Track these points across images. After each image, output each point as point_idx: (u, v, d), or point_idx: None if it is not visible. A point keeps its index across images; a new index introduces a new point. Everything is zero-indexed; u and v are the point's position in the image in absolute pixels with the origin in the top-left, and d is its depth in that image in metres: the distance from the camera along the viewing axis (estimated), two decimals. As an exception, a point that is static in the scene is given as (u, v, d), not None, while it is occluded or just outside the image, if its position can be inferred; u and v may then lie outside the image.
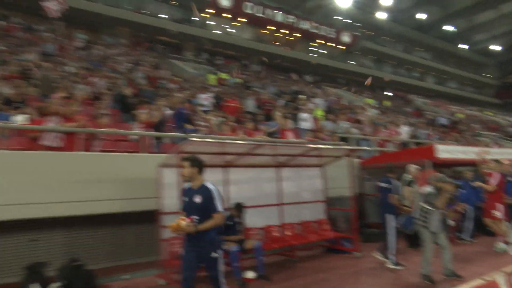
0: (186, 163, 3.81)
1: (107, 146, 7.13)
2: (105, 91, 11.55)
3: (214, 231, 3.67)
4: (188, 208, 3.72)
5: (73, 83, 11.33)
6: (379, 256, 6.74)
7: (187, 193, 3.81)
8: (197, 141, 5.34)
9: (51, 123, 5.98)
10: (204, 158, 6.20)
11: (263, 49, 31.72)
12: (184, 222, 3.53)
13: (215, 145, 5.98)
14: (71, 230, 6.02)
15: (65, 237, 5.97)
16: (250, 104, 14.04)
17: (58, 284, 5.01)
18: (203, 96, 13.35)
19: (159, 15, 28.04)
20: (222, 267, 3.72)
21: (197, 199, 3.67)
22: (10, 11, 20.48)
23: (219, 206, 3.63)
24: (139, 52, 22.27)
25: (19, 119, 7.25)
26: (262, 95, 16.60)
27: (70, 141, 6.02)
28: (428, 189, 5.59)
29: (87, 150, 6.25)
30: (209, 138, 6.99)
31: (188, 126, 7.92)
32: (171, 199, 5.88)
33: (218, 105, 12.84)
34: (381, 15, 38.24)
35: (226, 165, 6.66)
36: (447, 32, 42.79)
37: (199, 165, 3.81)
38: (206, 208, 3.62)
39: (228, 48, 30.48)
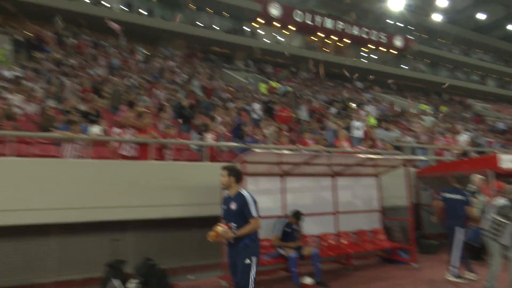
0: (224, 172, 3.91)
1: (171, 155, 7.75)
2: (166, 103, 12.38)
3: (249, 238, 3.69)
4: (227, 216, 3.85)
5: (138, 95, 12.28)
6: (471, 277, 6.53)
7: (226, 201, 3.95)
8: (259, 152, 5.69)
9: (127, 135, 6.65)
10: (263, 167, 6.60)
11: (313, 56, 31.81)
12: (221, 229, 3.63)
13: (274, 155, 6.31)
14: (144, 232, 6.62)
15: (139, 238, 6.57)
16: (302, 113, 14.28)
17: (135, 281, 5.57)
18: (256, 105, 13.83)
19: (213, 26, 29.16)
20: (253, 274, 3.67)
21: (233, 206, 3.76)
22: (79, 28, 22.39)
23: (254, 212, 3.66)
24: (194, 63, 23.30)
25: (95, 131, 8.09)
26: (313, 103, 16.77)
27: (143, 151, 6.66)
28: (502, 201, 5.48)
29: (158, 159, 6.85)
30: (270, 149, 7.35)
31: (246, 136, 8.34)
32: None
33: (270, 114, 13.21)
34: (436, 17, 36.86)
35: (284, 174, 6.97)
36: (510, 31, 40.27)
37: (236, 175, 3.88)
38: (242, 215, 3.68)
39: (277, 56, 30.92)
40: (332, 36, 34.12)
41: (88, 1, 25.01)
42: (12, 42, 16.09)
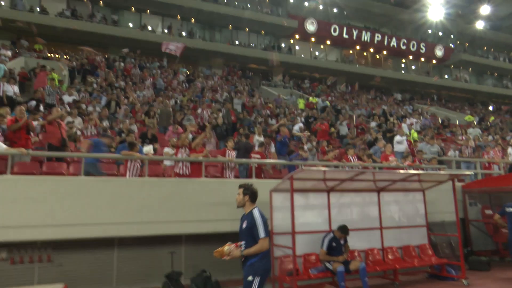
0: (240, 190, 3.95)
1: (216, 172, 8.21)
2: (209, 121, 13.00)
3: (257, 257, 3.68)
4: (240, 233, 3.89)
5: (184, 115, 12.98)
6: None
7: (242, 219, 3.97)
8: (308, 170, 5.98)
9: (181, 154, 7.18)
10: (309, 183, 6.87)
11: (350, 70, 31.86)
12: (227, 247, 3.64)
13: (320, 172, 6.58)
14: (196, 246, 7.06)
15: (192, 251, 7.01)
16: (342, 128, 14.42)
17: (192, 291, 5.97)
18: (298, 122, 14.13)
19: (250, 44, 30.00)
20: None
21: (244, 224, 3.79)
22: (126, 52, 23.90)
23: (262, 233, 3.66)
24: (234, 81, 24.06)
25: (147, 150, 8.73)
26: (353, 117, 16.84)
27: (196, 169, 7.15)
28: None
29: (208, 176, 7.31)
30: (317, 165, 7.62)
31: (291, 153, 8.65)
32: (281, 221, 6.60)
33: (311, 129, 13.48)
34: (479, 25, 35.77)
35: (330, 190, 7.20)
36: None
37: (250, 194, 3.89)
38: (251, 234, 3.69)
39: (315, 71, 31.21)
40: (370, 49, 33.99)
41: (131, 26, 26.71)
42: (67, 67, 17.47)
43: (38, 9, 23.57)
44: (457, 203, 7.66)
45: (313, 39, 31.99)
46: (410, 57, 35.45)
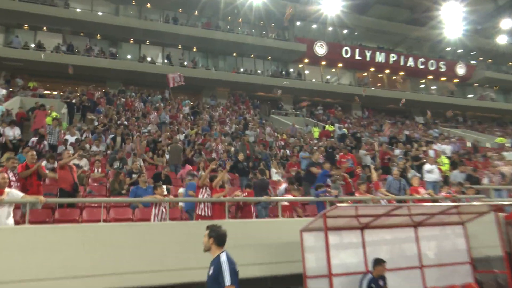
0: (206, 232, 4.00)
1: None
2: (221, 156, 13.29)
3: None
4: (207, 282, 3.91)
5: (194, 151, 13.31)
6: None
7: (209, 265, 3.99)
8: (343, 206, 6.16)
9: (202, 195, 7.41)
10: (342, 221, 7.03)
11: (365, 93, 32.34)
12: None
13: (352, 209, 6.75)
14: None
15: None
16: (365, 158, 14.61)
17: None
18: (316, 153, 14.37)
19: (257, 71, 30.81)
20: None
21: (210, 271, 3.81)
22: (125, 85, 24.67)
23: (228, 280, 3.66)
24: (241, 110, 24.57)
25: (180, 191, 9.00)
26: (373, 145, 17.07)
27: (218, 210, 7.35)
28: None
29: (231, 217, 7.51)
30: (347, 201, 7.79)
31: (319, 188, 8.84)
32: (314, 263, 6.72)
33: (333, 161, 13.70)
34: (500, 40, 36.48)
35: (363, 227, 7.33)
36: None
37: (216, 236, 3.92)
38: (217, 282, 3.71)
39: (327, 96, 31.76)
40: (385, 70, 34.69)
41: (130, 57, 27.67)
42: (65, 105, 18.04)
43: (33, 45, 24.60)
44: (502, 235, 7.72)
45: (323, 63, 32.81)
46: (429, 76, 36.07)
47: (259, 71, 31.13)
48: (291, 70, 32.47)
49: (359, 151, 15.32)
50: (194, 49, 29.76)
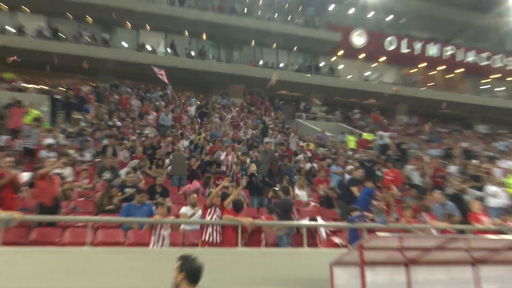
0: (177, 264, 3.95)
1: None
2: (233, 169, 13.33)
3: None
4: None
5: (200, 161, 13.39)
6: None
7: None
8: (385, 236, 6.08)
9: (210, 216, 7.43)
10: (382, 254, 6.93)
11: (412, 94, 32.03)
12: None
13: (395, 239, 6.65)
14: None
15: None
16: (412, 174, 14.44)
17: None
18: (349, 167, 14.27)
19: (280, 65, 30.89)
20: None
21: None
22: (119, 79, 25.03)
23: None
24: (260, 113, 24.61)
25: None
26: (422, 159, 16.86)
27: (229, 236, 7.35)
28: None
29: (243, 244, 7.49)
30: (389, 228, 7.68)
31: (353, 212, 8.76)
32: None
33: (373, 179, 13.57)
34: None
35: (409, 262, 7.21)
36: None
37: (188, 271, 3.89)
38: None
39: (366, 97, 31.61)
40: (438, 67, 34.38)
41: (126, 45, 28.09)
42: (49, 101, 18.39)
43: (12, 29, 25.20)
44: None
45: (362, 56, 32.71)
46: (495, 75, 35.56)
47: (282, 65, 31.19)
48: (322, 64, 32.48)
49: (405, 166, 15.15)
50: (204, 37, 30.10)
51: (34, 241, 7.49)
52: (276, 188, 11.10)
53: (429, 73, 35.21)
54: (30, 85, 22.26)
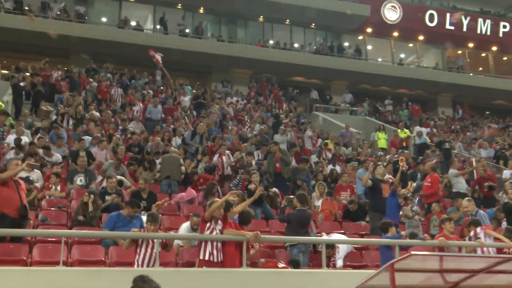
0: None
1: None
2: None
3: None
4: None
5: (196, 162, 13.56)
6: None
7: None
8: (421, 255, 6.17)
9: (209, 230, 7.56)
10: (418, 277, 7.03)
11: (459, 81, 31.87)
12: None
13: (435, 259, 6.74)
14: None
15: None
16: (457, 182, 14.49)
17: None
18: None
19: (295, 45, 30.94)
20: None
21: None
22: (97, 62, 25.13)
23: None
24: (269, 104, 24.70)
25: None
26: (472, 163, 16.93)
27: (232, 254, 7.49)
28: None
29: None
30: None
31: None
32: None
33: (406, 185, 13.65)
34: None
35: (452, 288, 7.29)
36: None
37: None
38: None
39: (400, 85, 31.54)
40: (493, 47, 34.24)
41: (105, 20, 28.23)
42: (12, 89, 18.56)
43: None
44: None
45: (395, 34, 32.67)
46: None
47: (296, 45, 31.23)
48: (346, 44, 32.43)
49: (447, 170, 15.21)
50: (201, 10, 30.19)
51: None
52: (291, 196, 11.19)
53: (480, 55, 35.11)
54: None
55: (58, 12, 26.25)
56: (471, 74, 33.29)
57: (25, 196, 8.56)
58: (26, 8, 25.73)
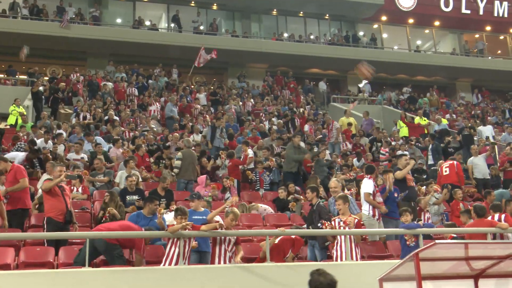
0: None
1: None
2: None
3: None
4: None
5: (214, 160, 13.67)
6: None
7: None
8: (447, 243, 6.14)
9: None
10: (443, 266, 6.99)
11: (478, 66, 31.52)
12: None
13: (460, 247, 6.70)
14: None
15: None
16: (478, 168, 14.40)
17: None
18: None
19: (310, 37, 30.88)
20: None
21: None
22: (114, 63, 25.32)
23: None
24: (285, 97, 24.70)
25: (170, 220, 9.25)
26: (495, 149, 16.76)
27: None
28: None
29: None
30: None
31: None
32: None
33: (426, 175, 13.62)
34: None
35: (478, 275, 7.23)
36: None
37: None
38: None
39: (418, 72, 31.33)
40: (511, 29, 33.91)
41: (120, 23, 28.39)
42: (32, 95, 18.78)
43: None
44: None
45: (411, 21, 32.42)
46: None
47: (312, 37, 31.14)
48: (361, 33, 32.24)
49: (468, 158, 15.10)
50: (214, 7, 30.18)
51: (26, 263, 7.72)
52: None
53: (499, 38, 34.70)
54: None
55: (73, 16, 26.38)
56: (489, 57, 32.89)
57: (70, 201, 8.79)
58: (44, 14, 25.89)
